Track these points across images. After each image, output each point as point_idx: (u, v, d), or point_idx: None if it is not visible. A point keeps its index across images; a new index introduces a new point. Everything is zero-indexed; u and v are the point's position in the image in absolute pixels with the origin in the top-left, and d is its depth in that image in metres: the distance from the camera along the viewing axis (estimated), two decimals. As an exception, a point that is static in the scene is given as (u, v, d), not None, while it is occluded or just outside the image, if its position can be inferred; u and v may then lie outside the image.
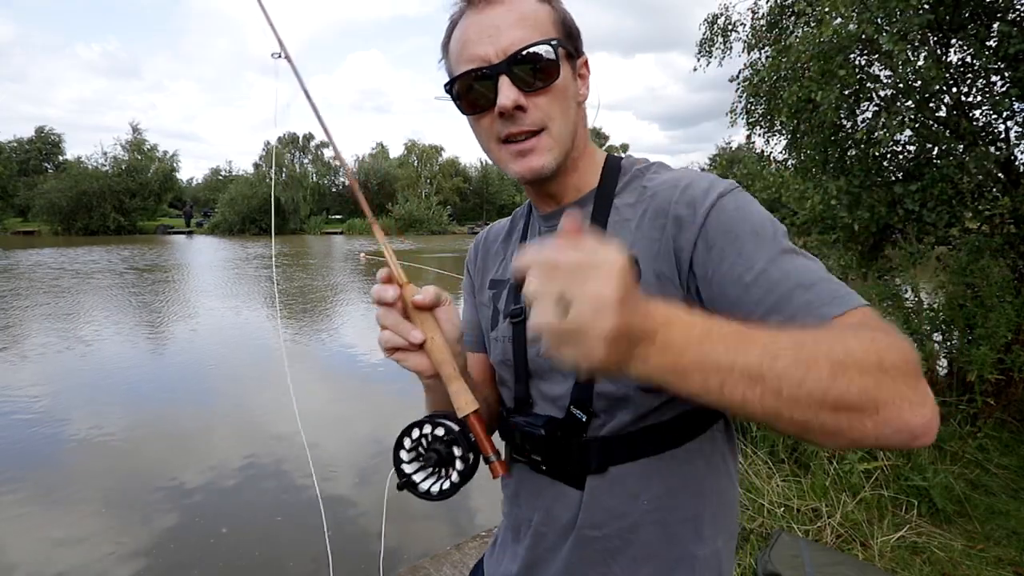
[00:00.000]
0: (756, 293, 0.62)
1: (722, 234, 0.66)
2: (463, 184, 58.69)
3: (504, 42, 0.71)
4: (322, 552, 3.40)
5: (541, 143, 0.73)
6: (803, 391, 0.48)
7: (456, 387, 0.66)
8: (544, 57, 0.71)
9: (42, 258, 23.13)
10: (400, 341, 0.66)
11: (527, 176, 0.75)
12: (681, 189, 0.71)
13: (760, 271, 0.63)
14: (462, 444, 0.65)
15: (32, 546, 3.54)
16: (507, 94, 0.70)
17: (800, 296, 0.60)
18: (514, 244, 0.90)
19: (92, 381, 6.88)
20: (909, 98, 4.21)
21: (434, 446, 0.66)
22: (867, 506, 2.76)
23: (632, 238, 0.73)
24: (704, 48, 6.03)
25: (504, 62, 0.70)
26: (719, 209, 0.67)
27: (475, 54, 0.72)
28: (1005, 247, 4.06)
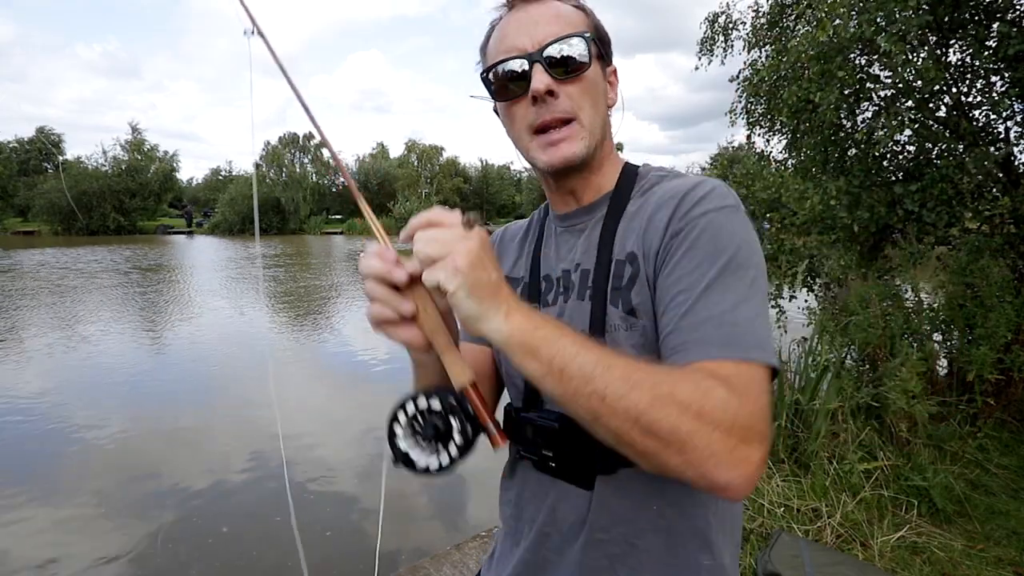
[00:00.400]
0: (677, 310, 0.66)
1: (686, 246, 0.68)
2: (463, 184, 58.69)
3: (540, 35, 0.75)
4: (322, 552, 3.40)
5: (572, 132, 0.76)
6: (621, 404, 0.55)
7: (451, 358, 0.65)
8: (576, 48, 0.75)
9: (45, 258, 23.14)
10: (390, 314, 0.63)
11: (557, 164, 0.76)
12: (681, 194, 0.73)
13: (691, 293, 0.65)
14: (460, 416, 0.63)
15: (35, 544, 3.54)
16: (540, 79, 0.74)
17: (706, 329, 0.63)
18: (529, 244, 0.92)
19: (98, 381, 6.89)
20: (909, 98, 4.21)
21: (432, 420, 0.64)
22: (867, 506, 2.76)
23: (635, 240, 0.75)
24: (705, 47, 6.02)
25: (538, 50, 0.74)
26: (699, 222, 0.69)
27: (512, 45, 0.76)
28: (1005, 247, 4.06)
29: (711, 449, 0.55)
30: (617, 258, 0.76)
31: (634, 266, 0.73)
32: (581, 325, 0.76)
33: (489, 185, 62.34)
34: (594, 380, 0.56)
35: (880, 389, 3.25)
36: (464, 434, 0.63)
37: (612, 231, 0.78)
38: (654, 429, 0.55)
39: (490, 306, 0.59)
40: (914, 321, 3.78)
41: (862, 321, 3.59)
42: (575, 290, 0.80)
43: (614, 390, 0.56)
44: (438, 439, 0.64)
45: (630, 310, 0.72)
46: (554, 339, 0.58)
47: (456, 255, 0.58)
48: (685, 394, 0.56)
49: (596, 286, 0.76)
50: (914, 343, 3.68)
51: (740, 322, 0.63)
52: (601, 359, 0.57)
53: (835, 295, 4.70)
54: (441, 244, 0.59)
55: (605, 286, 0.75)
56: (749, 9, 5.70)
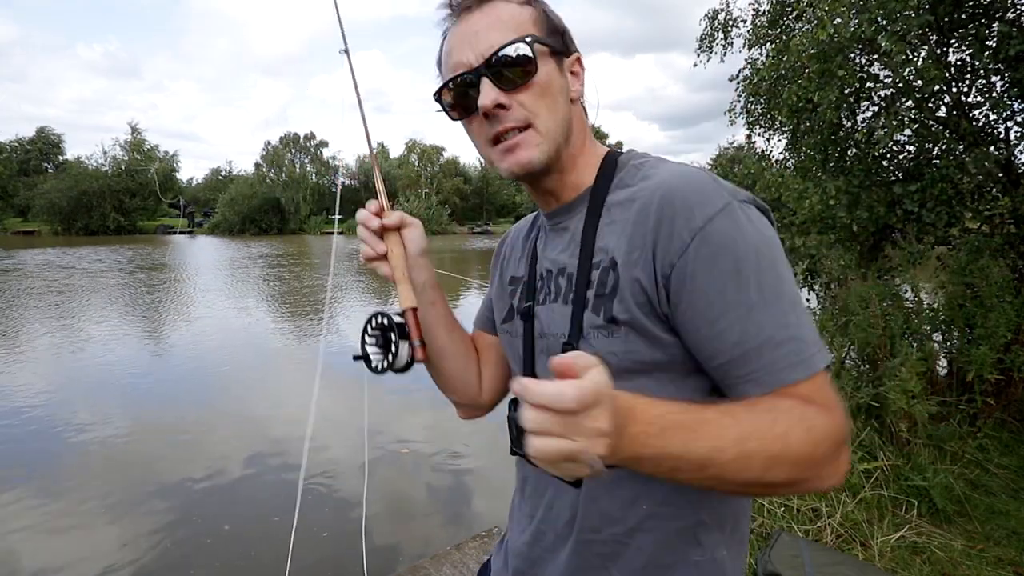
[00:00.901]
0: (726, 340, 0.64)
1: (703, 267, 0.65)
2: (463, 184, 58.70)
3: (482, 46, 0.73)
4: (320, 553, 3.41)
5: (527, 138, 0.74)
6: (740, 478, 0.58)
7: (402, 288, 0.80)
8: (520, 54, 0.73)
9: (48, 258, 23.15)
10: (371, 252, 0.83)
11: (515, 171, 0.76)
12: (670, 197, 0.68)
13: (735, 318, 0.64)
14: (397, 331, 0.78)
15: (37, 542, 3.54)
16: (487, 94, 0.73)
17: (768, 354, 0.63)
18: (529, 242, 0.93)
19: (105, 381, 6.89)
20: (909, 98, 4.21)
21: (383, 332, 0.81)
22: (867, 506, 2.76)
23: (617, 242, 0.72)
24: (704, 44, 6.01)
25: (482, 64, 0.73)
26: (705, 236, 0.65)
27: (458, 61, 0.75)
28: (1005, 247, 4.06)
29: (823, 475, 0.61)
30: (600, 263, 0.74)
31: (615, 273, 0.71)
32: (563, 329, 0.77)
33: (489, 185, 62.33)
34: (708, 468, 0.57)
35: (880, 389, 3.25)
36: (397, 345, 0.78)
37: (591, 233, 0.76)
38: (772, 484, 0.60)
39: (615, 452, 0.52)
40: (914, 321, 3.77)
41: (862, 321, 3.58)
42: (561, 294, 0.80)
43: (731, 472, 0.57)
44: (385, 346, 0.80)
45: (611, 319, 0.71)
46: (661, 449, 0.55)
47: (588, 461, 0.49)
48: (796, 443, 0.58)
49: (577, 291, 0.76)
50: (914, 343, 3.68)
51: (795, 334, 0.63)
52: (714, 446, 0.56)
53: (835, 295, 4.70)
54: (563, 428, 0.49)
55: (585, 291, 0.75)
56: (749, 7, 5.69)
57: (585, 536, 0.77)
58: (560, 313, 0.79)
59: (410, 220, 0.85)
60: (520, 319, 0.87)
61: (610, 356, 0.70)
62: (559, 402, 0.47)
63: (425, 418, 5.41)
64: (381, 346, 0.81)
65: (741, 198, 0.69)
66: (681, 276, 0.66)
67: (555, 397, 0.47)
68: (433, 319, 0.90)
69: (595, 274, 0.74)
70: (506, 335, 0.92)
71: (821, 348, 0.64)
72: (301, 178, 53.73)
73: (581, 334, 0.74)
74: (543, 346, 0.82)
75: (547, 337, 0.81)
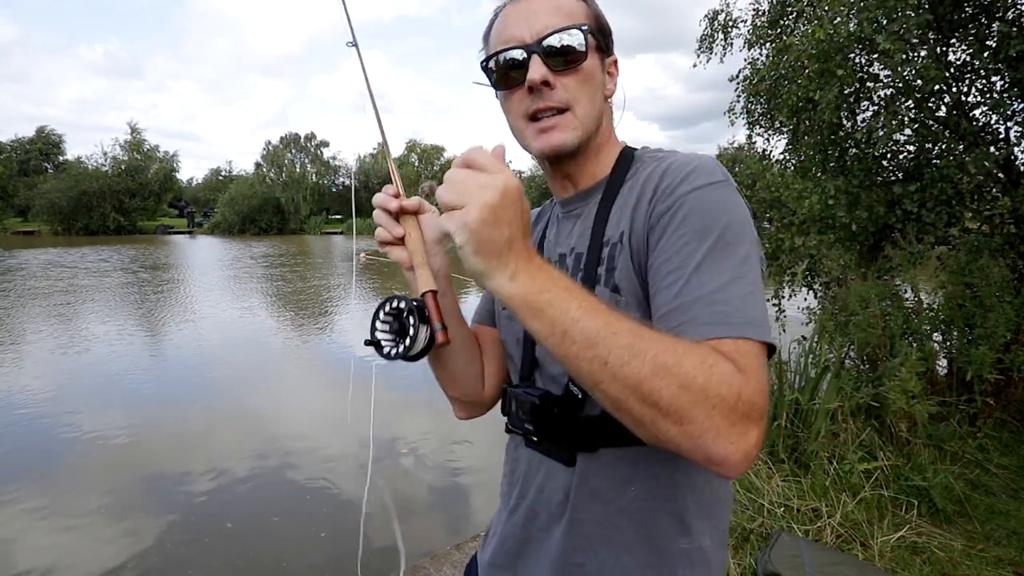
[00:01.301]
0: (669, 292, 0.67)
1: (677, 223, 0.69)
2: (463, 184, 58.44)
3: (538, 26, 0.77)
4: (318, 553, 3.40)
5: (564, 121, 0.77)
6: (622, 372, 0.55)
7: (420, 272, 0.78)
8: (573, 40, 0.77)
9: (51, 258, 23.16)
10: (387, 235, 0.80)
11: (547, 151, 0.78)
12: (664, 171, 0.74)
13: (681, 273, 0.66)
14: (415, 315, 0.75)
15: (41, 539, 3.54)
16: (536, 70, 0.75)
17: (698, 309, 0.64)
18: (538, 232, 0.95)
19: (112, 381, 6.89)
20: (909, 98, 4.21)
21: (398, 317, 0.79)
22: (867, 506, 2.76)
23: (626, 218, 0.76)
24: (704, 44, 6.01)
25: (536, 42, 0.76)
26: (687, 199, 0.70)
27: (512, 35, 0.78)
28: (1005, 247, 4.06)
29: (712, 422, 0.55)
30: (610, 240, 0.78)
31: (623, 245, 0.75)
32: None
33: (489, 185, 62.08)
34: (596, 346, 0.56)
35: (880, 389, 3.25)
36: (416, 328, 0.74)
37: (605, 215, 0.80)
38: (654, 398, 0.55)
39: (496, 265, 0.59)
40: (914, 321, 3.77)
41: (862, 321, 3.58)
42: (568, 273, 0.81)
43: (616, 357, 0.56)
44: (400, 333, 0.78)
45: (614, 288, 0.74)
46: (559, 302, 0.58)
47: (470, 209, 0.57)
48: (689, 366, 0.55)
49: (587, 269, 0.78)
50: (914, 343, 3.68)
51: (731, 300, 0.63)
52: (607, 325, 0.57)
53: (835, 295, 4.70)
54: (459, 192, 0.58)
55: (596, 268, 0.77)
56: (750, 7, 5.69)
57: (577, 515, 0.79)
58: None
59: (428, 206, 0.84)
60: None
61: None
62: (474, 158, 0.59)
63: (425, 418, 5.41)
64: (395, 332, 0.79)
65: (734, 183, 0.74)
66: (660, 229, 0.70)
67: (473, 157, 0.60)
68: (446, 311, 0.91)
69: (605, 251, 0.77)
70: (506, 320, 0.93)
71: (760, 326, 0.63)
72: (301, 178, 53.74)
73: None
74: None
75: None
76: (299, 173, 54.37)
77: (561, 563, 0.81)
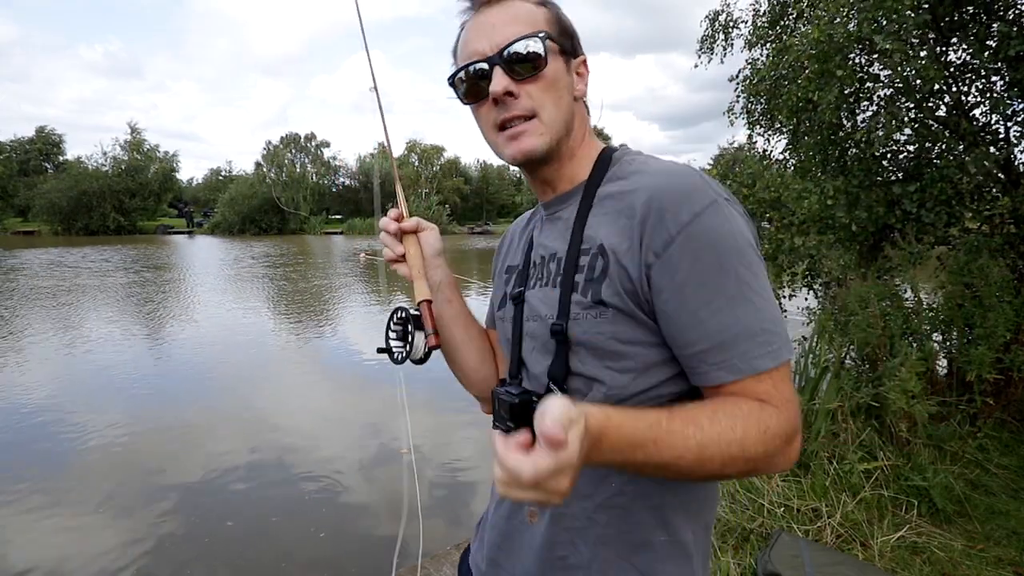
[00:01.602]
0: (707, 329, 0.69)
1: (688, 261, 0.69)
2: (463, 184, 58.71)
3: (498, 38, 0.78)
4: (317, 553, 3.40)
5: (531, 127, 0.79)
6: (698, 475, 0.67)
7: (417, 284, 0.89)
8: (532, 48, 0.78)
9: (54, 257, 23.16)
10: (391, 254, 0.93)
11: (518, 157, 0.81)
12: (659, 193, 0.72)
13: (715, 309, 0.69)
14: (412, 323, 0.87)
15: (44, 537, 3.54)
16: (498, 81, 0.78)
17: (743, 344, 0.69)
18: (528, 234, 0.97)
19: (118, 380, 6.89)
20: (909, 98, 4.20)
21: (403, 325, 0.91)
22: (867, 506, 2.76)
23: (606, 231, 0.77)
24: (705, 45, 6.01)
25: (497, 54, 0.78)
26: (690, 232, 0.69)
27: (474, 50, 0.81)
28: (1005, 247, 4.06)
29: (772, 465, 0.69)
30: (589, 249, 0.78)
31: (605, 259, 0.76)
32: (550, 311, 0.81)
33: (489, 185, 62.29)
34: (668, 470, 0.65)
35: (880, 389, 3.25)
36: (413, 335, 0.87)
37: (583, 221, 0.81)
38: (728, 476, 0.70)
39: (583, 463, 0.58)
40: (913, 321, 3.77)
41: (861, 321, 3.58)
42: (551, 277, 0.84)
43: (689, 470, 0.66)
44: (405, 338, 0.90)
45: (599, 301, 0.75)
46: (630, 463, 0.63)
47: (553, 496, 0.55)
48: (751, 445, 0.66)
49: (565, 274, 0.80)
50: (914, 343, 3.68)
51: (767, 327, 0.70)
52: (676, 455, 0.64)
53: (835, 295, 4.70)
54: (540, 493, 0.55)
55: (573, 274, 0.79)
56: (750, 7, 5.70)
57: (558, 510, 0.81)
58: (548, 296, 0.83)
59: (426, 224, 0.94)
60: (512, 303, 0.91)
61: (596, 336, 0.76)
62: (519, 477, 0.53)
63: (424, 418, 5.41)
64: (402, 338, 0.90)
65: (724, 196, 0.73)
66: (665, 268, 0.70)
67: (515, 472, 0.53)
68: (450, 316, 0.98)
69: (584, 259, 0.79)
70: (499, 321, 0.97)
71: (786, 342, 0.71)
72: (301, 178, 53.75)
73: (568, 315, 0.78)
74: (530, 329, 0.86)
75: (535, 320, 0.85)
76: (299, 173, 54.39)
77: (544, 556, 0.83)
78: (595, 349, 0.77)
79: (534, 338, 0.85)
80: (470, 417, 5.07)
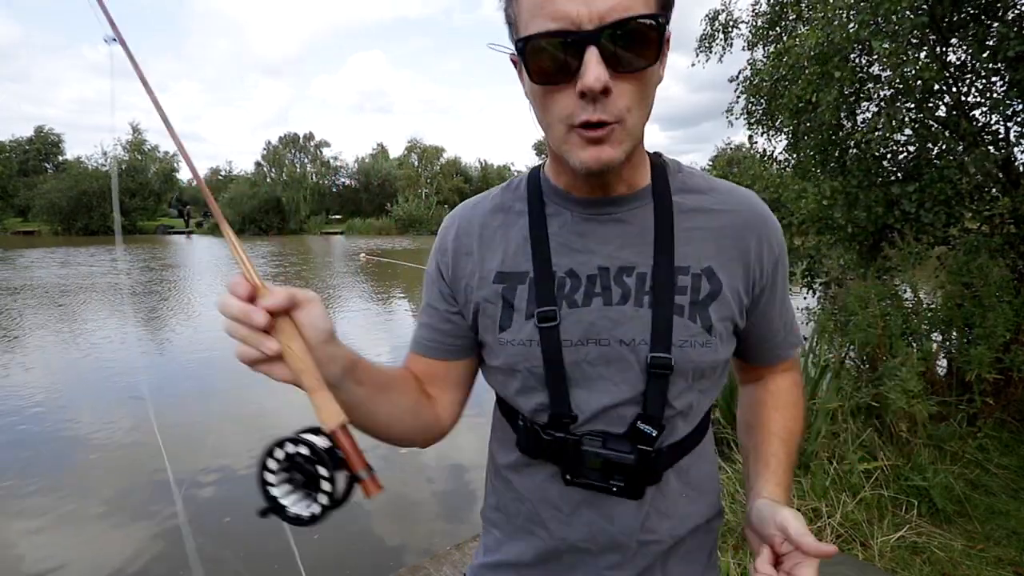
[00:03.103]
0: (782, 324, 0.85)
1: (780, 275, 0.81)
2: (463, 184, 58.69)
3: (603, 4, 0.57)
4: (318, 552, 3.41)
5: (615, 134, 0.63)
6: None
7: (319, 398, 0.57)
8: (647, 35, 0.59)
9: (53, 258, 23.12)
10: (255, 353, 0.56)
11: (594, 167, 0.64)
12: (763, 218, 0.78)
13: (783, 308, 0.84)
14: (328, 463, 0.56)
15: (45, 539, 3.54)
16: (596, 72, 0.58)
17: (786, 335, 0.87)
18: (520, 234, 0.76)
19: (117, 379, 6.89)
20: (909, 98, 4.21)
21: (300, 466, 0.57)
22: (867, 506, 2.76)
23: (709, 250, 0.74)
24: (704, 44, 6.02)
25: (598, 30, 0.58)
26: (783, 253, 0.81)
27: (562, 11, 0.58)
28: (1004, 247, 4.06)
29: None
30: (690, 268, 0.72)
31: (713, 283, 0.72)
32: (638, 334, 0.70)
33: (489, 185, 61.99)
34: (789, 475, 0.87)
35: (880, 389, 3.25)
36: (332, 481, 0.56)
37: (669, 234, 0.71)
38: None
39: None
40: (913, 321, 3.77)
41: (861, 321, 3.58)
42: (632, 295, 0.71)
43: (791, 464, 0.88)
44: (309, 487, 0.57)
45: (709, 327, 0.72)
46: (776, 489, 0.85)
47: None
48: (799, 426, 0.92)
49: (660, 295, 0.70)
50: (913, 343, 3.68)
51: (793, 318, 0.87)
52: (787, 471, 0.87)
53: (834, 295, 4.70)
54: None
55: (670, 293, 0.69)
56: (749, 7, 5.71)
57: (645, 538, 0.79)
58: (637, 317, 0.70)
59: (303, 296, 0.58)
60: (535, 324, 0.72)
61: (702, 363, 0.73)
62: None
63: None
64: (302, 485, 0.58)
65: None
66: (768, 283, 0.79)
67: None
68: (366, 396, 0.68)
69: (685, 279, 0.71)
70: (507, 345, 0.75)
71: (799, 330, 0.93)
72: (301, 178, 53.75)
73: (670, 341, 0.69)
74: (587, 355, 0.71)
75: (600, 343, 0.71)
76: (299, 173, 54.39)
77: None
78: (692, 375, 0.72)
79: (595, 365, 0.71)
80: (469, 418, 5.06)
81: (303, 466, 0.57)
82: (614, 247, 0.72)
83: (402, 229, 48.05)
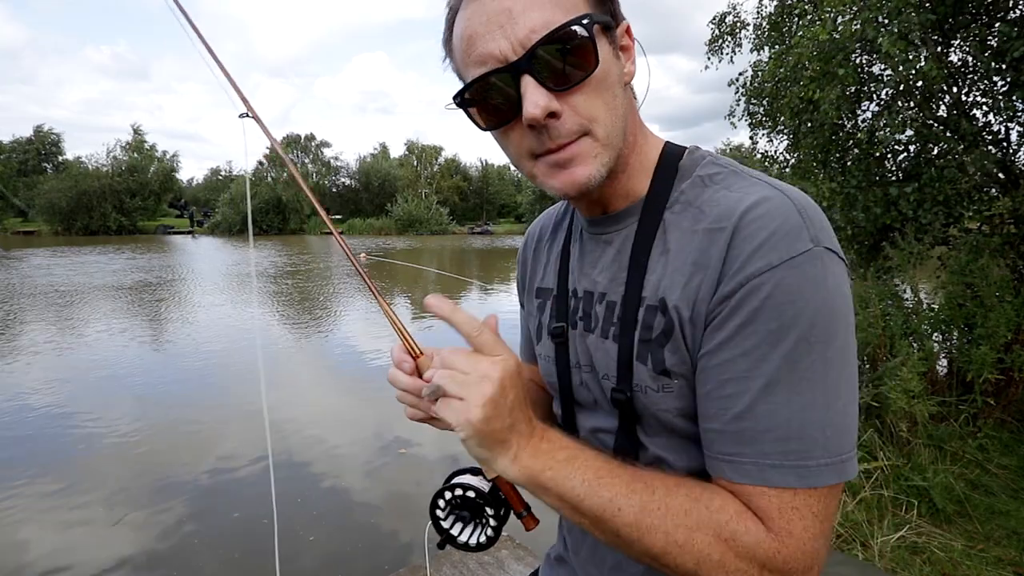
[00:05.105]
0: (728, 408, 0.54)
1: (742, 317, 0.53)
2: (463, 183, 58.70)
3: (521, 31, 0.54)
4: (318, 552, 3.41)
5: (583, 148, 0.57)
6: (637, 546, 0.55)
7: None
8: (577, 42, 0.54)
9: (53, 258, 23.13)
10: (423, 414, 0.65)
11: (571, 193, 0.59)
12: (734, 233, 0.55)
13: (748, 387, 0.53)
14: (492, 504, 0.68)
15: (47, 538, 3.54)
16: (535, 100, 0.54)
17: (767, 445, 0.53)
18: (556, 250, 0.79)
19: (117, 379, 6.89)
20: (910, 98, 4.21)
21: (467, 505, 0.70)
22: (867, 506, 2.76)
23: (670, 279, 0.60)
24: (714, 47, 6.03)
25: (525, 57, 0.54)
26: (759, 283, 0.52)
27: (486, 52, 0.55)
28: (1005, 247, 4.06)
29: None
30: (648, 301, 0.61)
31: (667, 318, 0.59)
32: (607, 369, 0.66)
33: (489, 185, 62.25)
34: (604, 522, 0.55)
35: (880, 389, 3.25)
36: (497, 517, 0.68)
37: (643, 260, 0.62)
38: (673, 568, 0.54)
39: (499, 452, 0.56)
40: (914, 321, 3.78)
41: (862, 321, 3.59)
42: (599, 325, 0.67)
43: (626, 534, 0.54)
44: (475, 520, 0.70)
45: (663, 371, 0.60)
46: (563, 479, 0.56)
47: (471, 406, 0.53)
48: (702, 544, 0.52)
49: (623, 328, 0.63)
50: (914, 343, 3.68)
51: (813, 434, 0.52)
52: (611, 501, 0.54)
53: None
54: (459, 383, 0.54)
55: (633, 331, 0.62)
56: (754, 10, 5.73)
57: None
58: (602, 348, 0.67)
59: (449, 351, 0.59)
60: (551, 340, 0.74)
61: (664, 414, 0.62)
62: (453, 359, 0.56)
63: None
64: (468, 520, 0.70)
65: (825, 243, 0.54)
66: (721, 318, 0.55)
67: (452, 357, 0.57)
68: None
69: (641, 312, 0.62)
70: (539, 357, 0.81)
71: (835, 462, 0.52)
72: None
73: (632, 384, 0.63)
74: (583, 380, 0.72)
75: (586, 371, 0.70)
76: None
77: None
78: (663, 424, 0.63)
79: (588, 388, 0.71)
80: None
81: (467, 505, 0.70)
82: (597, 271, 0.69)
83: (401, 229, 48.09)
